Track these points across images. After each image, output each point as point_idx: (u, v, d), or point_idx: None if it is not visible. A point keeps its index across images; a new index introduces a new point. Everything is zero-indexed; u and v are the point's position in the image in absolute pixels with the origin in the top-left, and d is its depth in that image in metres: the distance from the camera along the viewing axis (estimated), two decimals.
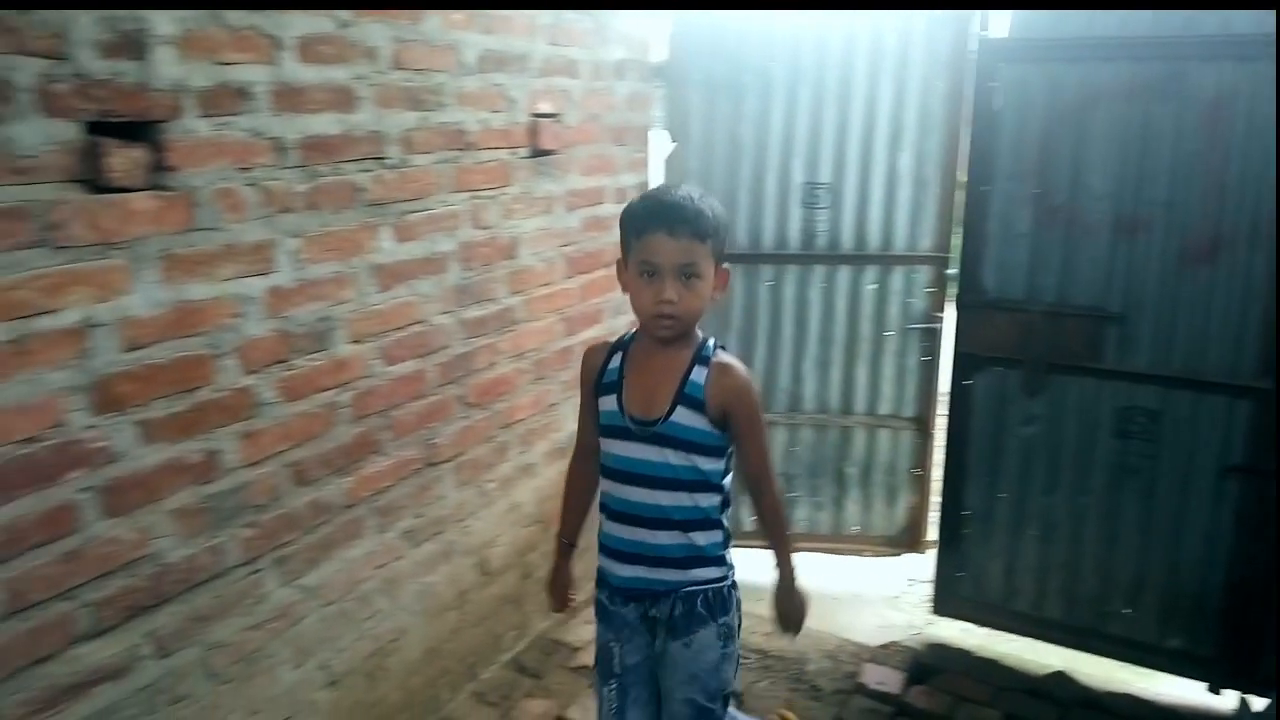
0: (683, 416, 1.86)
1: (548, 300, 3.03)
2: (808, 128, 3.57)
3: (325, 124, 2.13)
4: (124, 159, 1.72)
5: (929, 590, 3.46)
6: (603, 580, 2.04)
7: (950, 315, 3.52)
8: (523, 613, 3.12)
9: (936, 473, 3.74)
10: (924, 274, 3.62)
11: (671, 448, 1.88)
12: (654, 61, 3.45)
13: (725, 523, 2.00)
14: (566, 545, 2.17)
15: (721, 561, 2.00)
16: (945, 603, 3.32)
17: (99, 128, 1.68)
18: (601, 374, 1.96)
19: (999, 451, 3.15)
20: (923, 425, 3.74)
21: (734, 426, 1.88)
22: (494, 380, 2.84)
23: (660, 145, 3.61)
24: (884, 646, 3.16)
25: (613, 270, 3.28)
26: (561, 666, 3.02)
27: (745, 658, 3.10)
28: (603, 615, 2.06)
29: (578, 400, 3.17)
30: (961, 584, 3.29)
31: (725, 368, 1.88)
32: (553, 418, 3.14)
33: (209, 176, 1.89)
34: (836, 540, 3.89)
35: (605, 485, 1.98)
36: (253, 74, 1.95)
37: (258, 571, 2.12)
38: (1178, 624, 2.97)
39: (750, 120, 3.57)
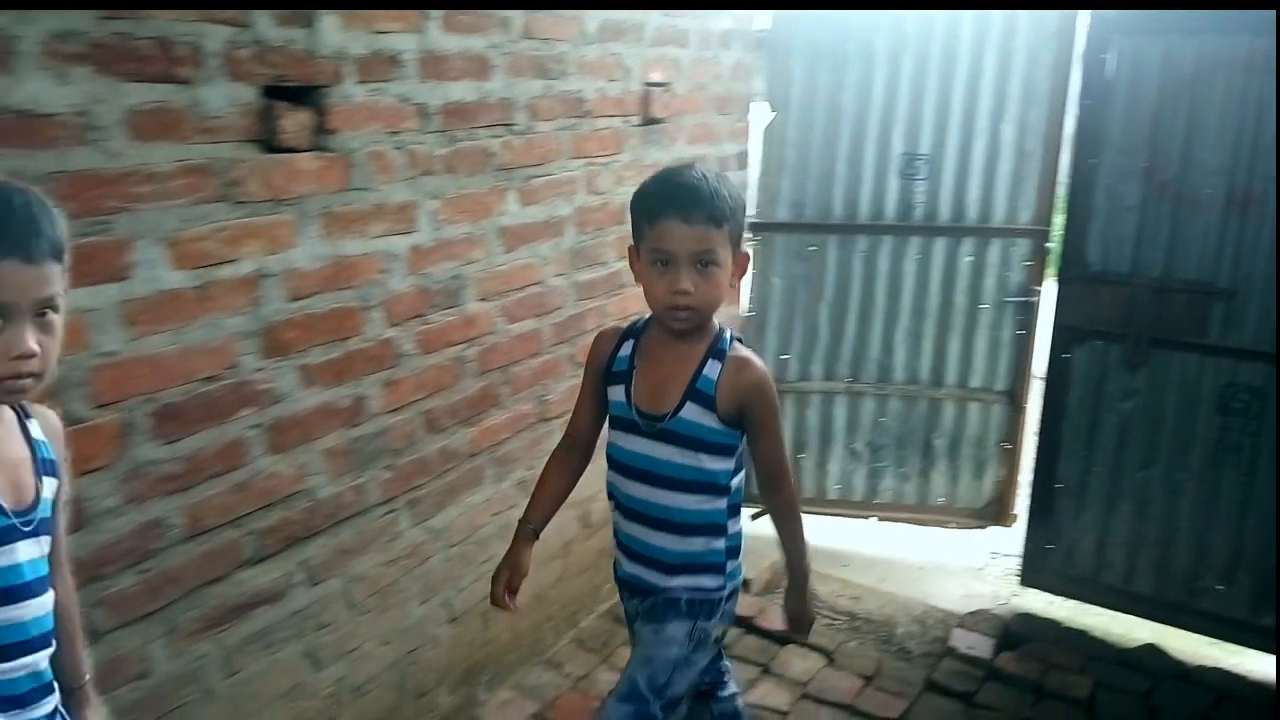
0: (691, 413, 1.78)
1: None
2: (909, 97, 3.62)
3: (463, 91, 2.27)
4: (293, 121, 1.88)
5: (1015, 563, 3.54)
6: (616, 573, 2.01)
7: (1048, 289, 3.57)
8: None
9: (1026, 447, 3.81)
10: (1022, 247, 3.66)
11: (677, 445, 1.80)
12: (758, 30, 3.53)
13: (731, 528, 1.92)
14: (531, 530, 1.99)
15: (720, 571, 1.91)
16: (1034, 574, 3.40)
17: (273, 92, 1.84)
18: (611, 362, 1.87)
19: (1096, 425, 3.20)
20: (1015, 399, 3.79)
21: (750, 423, 1.81)
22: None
23: (759, 115, 3.69)
24: (972, 614, 3.25)
25: None
26: None
27: (833, 619, 3.23)
28: (624, 609, 2.05)
29: None
30: (1051, 556, 3.36)
31: (742, 362, 1.79)
32: None
33: (363, 139, 2.04)
34: (921, 511, 3.98)
35: (611, 478, 1.92)
36: (403, 43, 2.09)
37: (393, 511, 2.30)
38: (1271, 601, 3.01)
39: (851, 89, 3.64)
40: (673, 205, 1.69)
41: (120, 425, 1.68)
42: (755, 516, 4.03)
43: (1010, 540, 3.79)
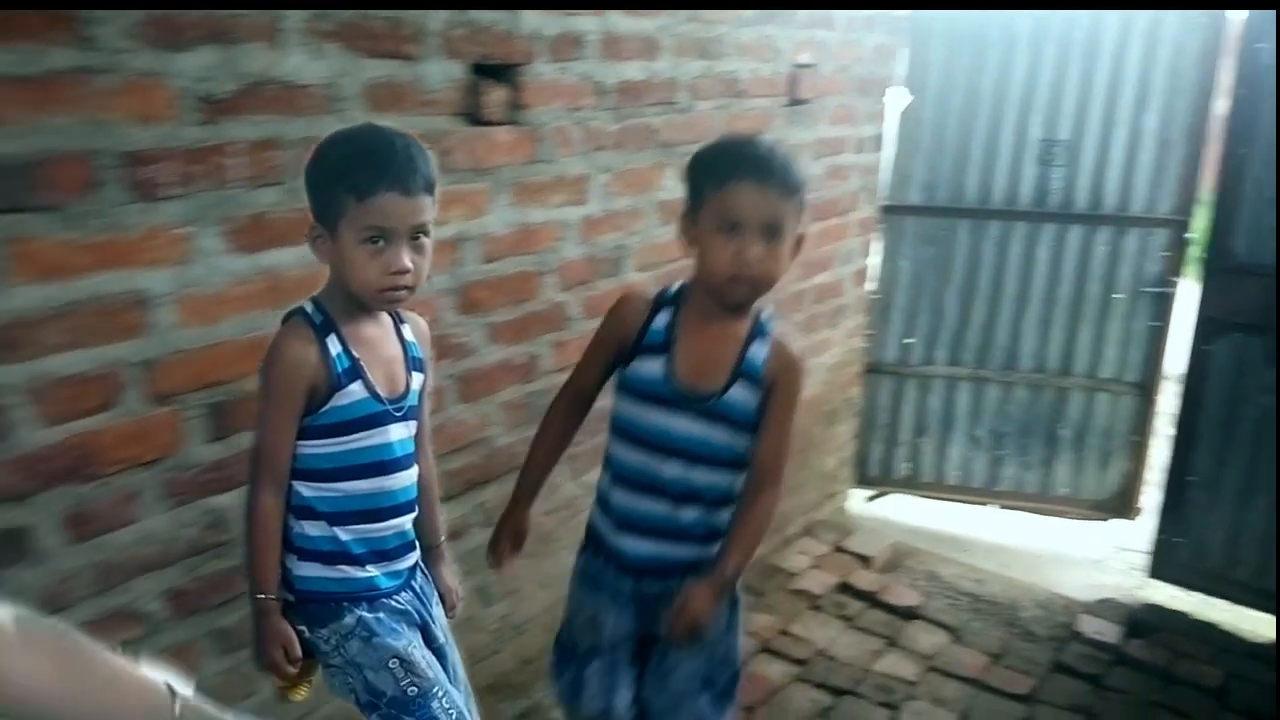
0: (739, 394, 1.73)
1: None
2: (1049, 83, 3.69)
3: (634, 70, 2.45)
4: (494, 97, 2.08)
5: (1139, 556, 3.60)
6: (600, 548, 1.87)
7: (1186, 281, 3.61)
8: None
9: (1155, 440, 3.86)
10: (1160, 237, 3.70)
11: (723, 425, 1.74)
12: (901, 13, 3.64)
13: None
14: (529, 493, 1.91)
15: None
16: (1162, 567, 3.46)
17: (479, 69, 2.04)
18: (644, 332, 1.76)
19: (1233, 419, 3.25)
20: (1146, 391, 3.84)
21: (771, 405, 1.74)
22: None
23: (897, 98, 3.80)
24: (1098, 602, 3.33)
25: (846, 219, 3.55)
26: (781, 589, 3.33)
27: (956, 599, 3.35)
28: (592, 583, 1.88)
29: (809, 341, 3.48)
30: (1180, 550, 3.42)
31: (786, 344, 1.77)
32: None
33: (550, 115, 2.24)
34: (1043, 500, 4.05)
35: (624, 452, 1.80)
36: (587, 24, 2.28)
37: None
38: None
39: (991, 74, 3.72)
40: (747, 170, 1.63)
41: None
42: (871, 499, 4.18)
43: (1133, 533, 3.85)
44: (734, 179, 1.63)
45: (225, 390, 1.73)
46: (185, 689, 0.92)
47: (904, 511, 4.12)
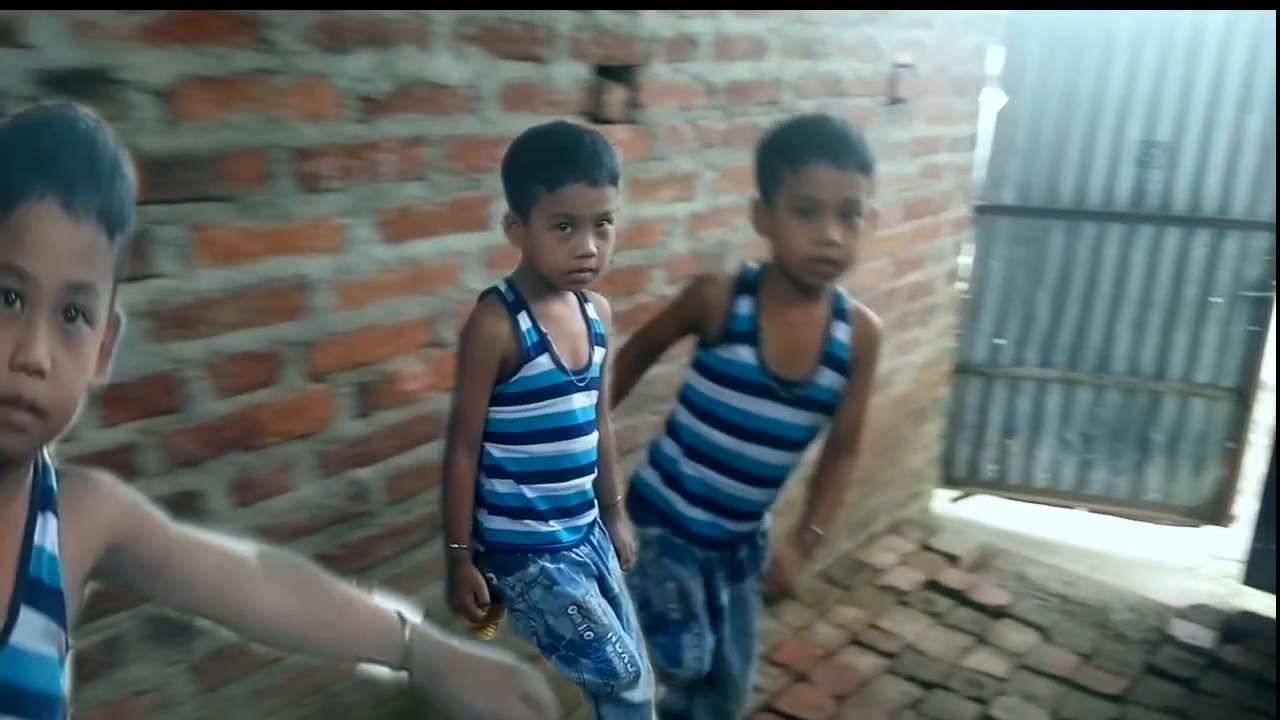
0: (827, 379, 1.82)
1: (883, 242, 3.36)
2: (1149, 84, 3.71)
3: (743, 71, 2.56)
4: (614, 96, 2.20)
5: (1233, 564, 3.60)
6: (670, 519, 1.95)
7: None
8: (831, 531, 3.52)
9: (1252, 446, 3.85)
10: (1262, 241, 3.70)
11: (810, 410, 1.84)
12: (998, 14, 3.69)
13: None
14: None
15: None
16: (1258, 575, 3.46)
17: (601, 70, 2.17)
18: (729, 318, 1.82)
19: None
20: (1242, 397, 3.83)
21: (854, 378, 1.84)
22: None
23: (992, 98, 3.85)
24: (1192, 607, 3.34)
25: (939, 218, 3.61)
26: (869, 584, 3.41)
27: (1045, 600, 3.39)
28: (676, 553, 1.95)
29: (900, 339, 3.55)
30: (1275, 557, 3.41)
31: (865, 318, 1.85)
32: None
33: (663, 114, 2.35)
34: (1133, 505, 4.07)
35: (706, 432, 1.89)
36: (701, 26, 2.39)
37: None
38: None
39: (1090, 74, 3.75)
40: (823, 149, 1.68)
41: None
42: (956, 499, 4.23)
43: (1227, 541, 3.84)
44: (810, 159, 1.69)
45: (371, 371, 1.87)
46: (414, 616, 1.05)
47: (989, 513, 4.16)
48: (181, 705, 1.75)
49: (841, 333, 1.83)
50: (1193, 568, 3.81)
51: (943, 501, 4.16)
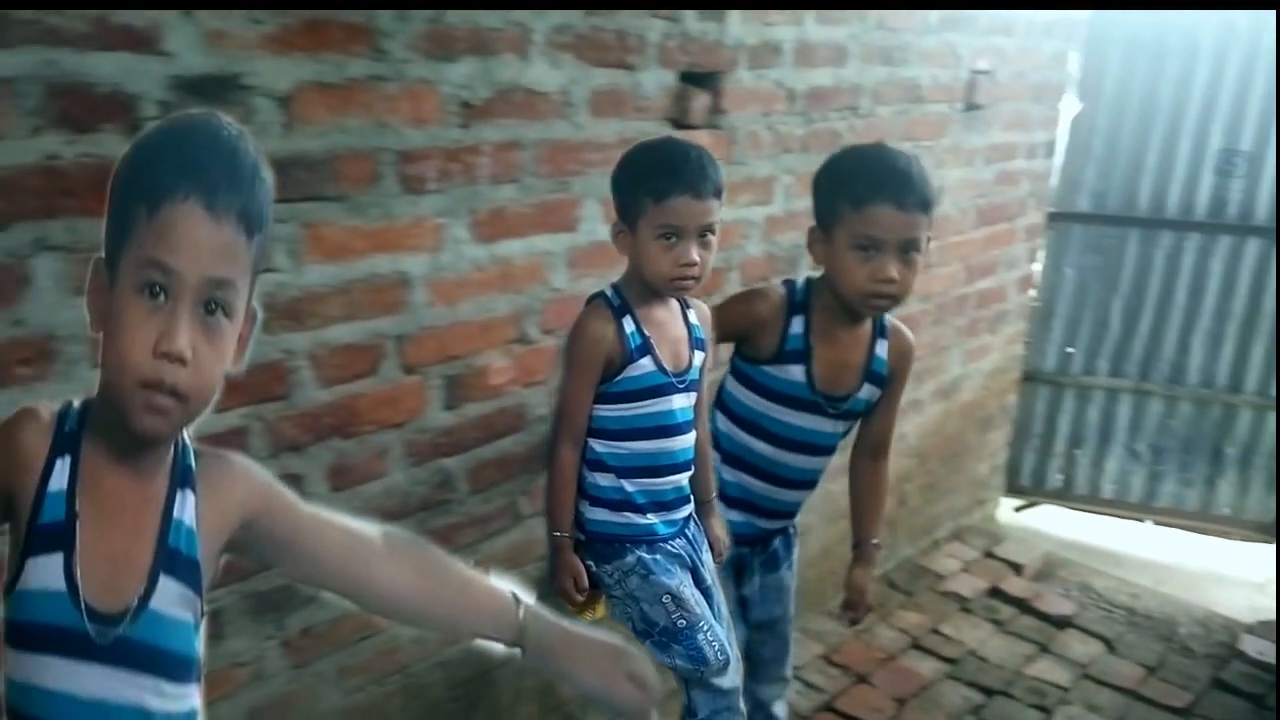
0: (866, 392, 1.95)
1: (956, 248, 3.39)
2: (1233, 92, 3.68)
3: (823, 77, 2.60)
4: (698, 102, 2.27)
5: None
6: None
7: None
8: (895, 536, 3.55)
9: None
10: None
11: (847, 419, 1.98)
12: (1076, 20, 3.68)
13: None
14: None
15: None
16: None
17: (686, 76, 2.23)
18: (784, 338, 1.91)
19: None
20: None
21: (890, 387, 1.96)
22: (903, 318, 3.22)
23: (1069, 104, 3.84)
24: (1261, 623, 3.32)
25: (1013, 224, 3.62)
26: (931, 589, 3.44)
27: (1111, 611, 3.39)
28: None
29: (969, 346, 3.57)
30: None
31: (901, 334, 1.96)
32: (942, 360, 3.52)
33: (744, 119, 2.41)
34: (1203, 519, 4.03)
35: (749, 442, 1.98)
36: (784, 34, 2.44)
37: None
38: None
39: (1171, 81, 3.73)
40: (888, 191, 1.73)
41: (556, 350, 2.13)
42: (1020, 508, 4.23)
43: None
44: (875, 201, 1.74)
45: (460, 365, 1.96)
46: (528, 597, 1.13)
47: (1053, 522, 4.15)
48: (274, 679, 1.85)
49: (881, 349, 1.95)
50: (1263, 584, 3.77)
51: (1007, 510, 4.17)
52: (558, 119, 1.98)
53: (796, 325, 1.90)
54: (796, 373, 1.91)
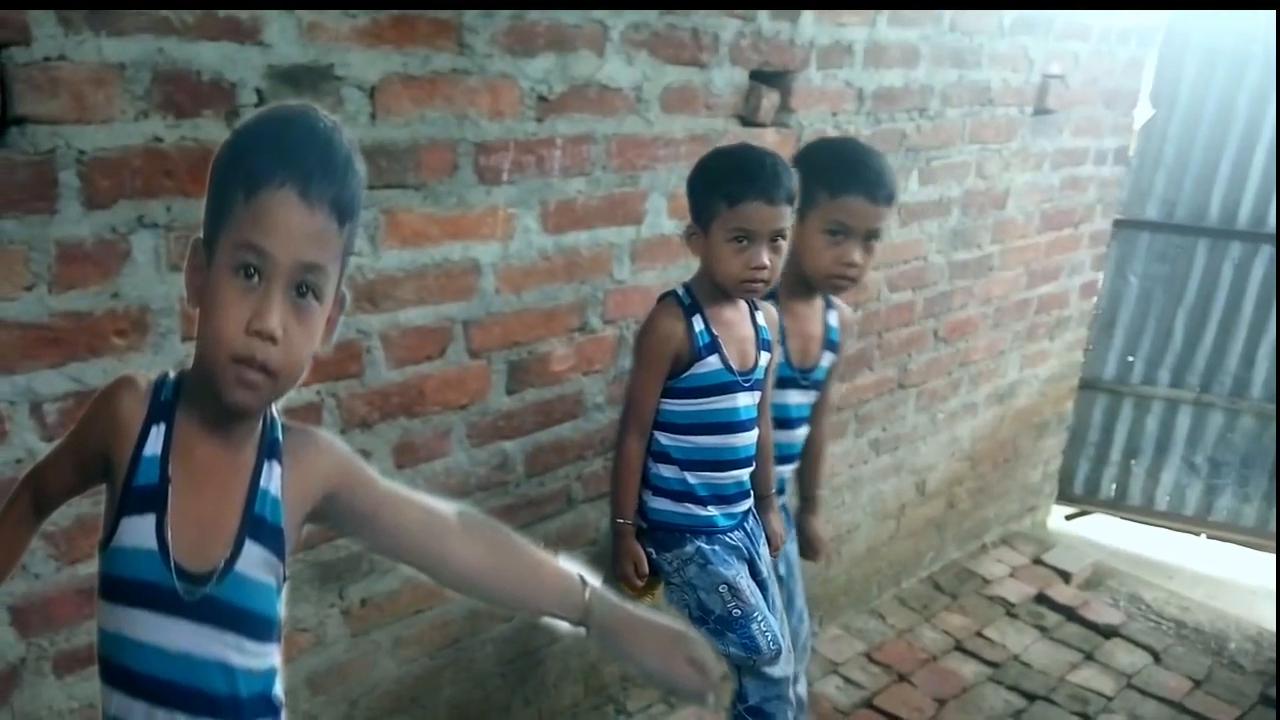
0: (827, 360, 2.08)
1: (1019, 253, 3.38)
2: None
3: (893, 78, 2.62)
4: (767, 101, 2.30)
5: None
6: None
7: None
8: (942, 538, 3.57)
9: None
10: None
11: (814, 389, 2.07)
12: (1154, 26, 3.64)
13: None
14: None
15: None
16: None
17: (756, 75, 2.26)
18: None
19: None
20: None
21: (840, 356, 2.09)
22: (963, 320, 3.27)
23: (1140, 111, 3.80)
24: None
25: (1078, 230, 3.60)
26: (976, 593, 3.45)
27: (1159, 623, 3.38)
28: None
29: (1028, 351, 3.57)
30: None
31: (843, 303, 2.13)
32: (1000, 364, 3.52)
33: (811, 119, 2.44)
34: (1261, 536, 3.98)
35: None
36: (856, 34, 2.46)
37: None
38: None
39: (1249, 90, 3.67)
40: (860, 184, 1.89)
41: (615, 340, 2.19)
42: (1070, 517, 4.21)
43: None
44: (849, 192, 1.89)
45: (524, 351, 2.03)
46: (594, 580, 1.19)
47: (1104, 532, 4.13)
48: (334, 646, 1.94)
49: (833, 319, 2.10)
50: None
51: (1058, 518, 4.15)
52: (629, 114, 2.03)
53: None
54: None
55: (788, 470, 2.12)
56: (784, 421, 2.01)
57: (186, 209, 1.46)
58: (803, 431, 2.06)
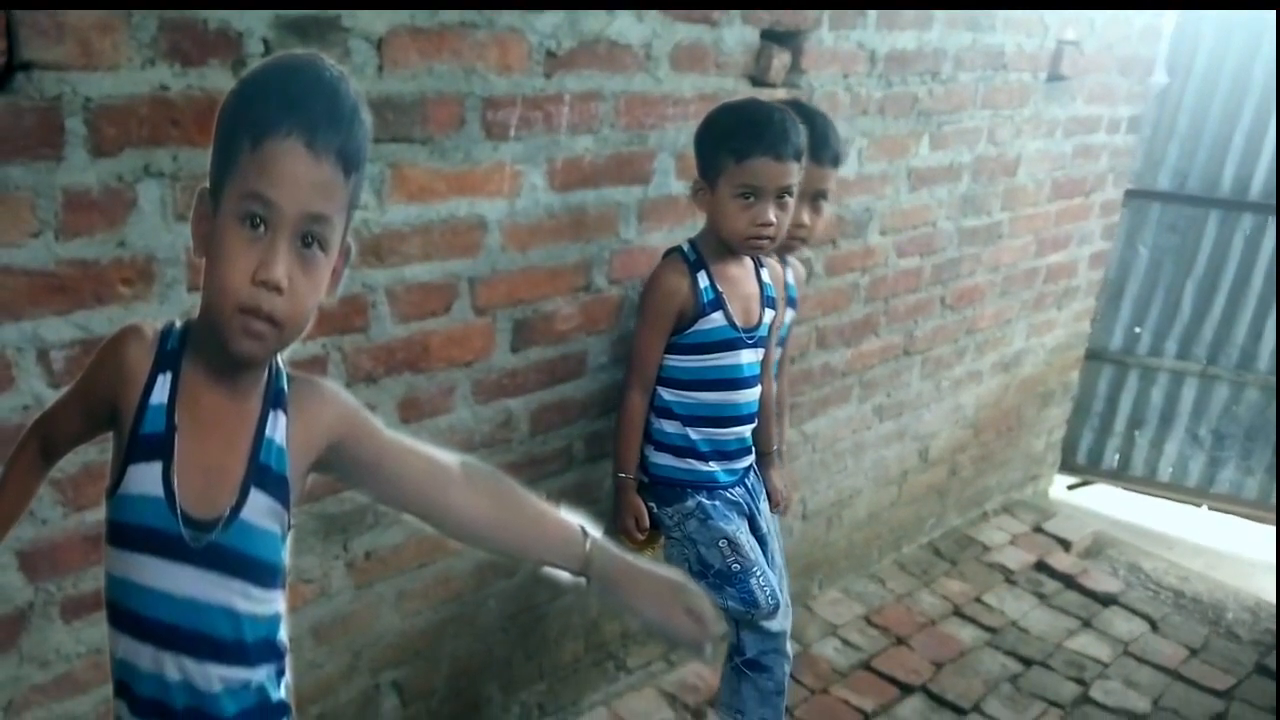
0: (788, 316, 2.11)
1: (1029, 220, 3.36)
2: None
3: (906, 40, 2.59)
4: (778, 61, 2.27)
5: None
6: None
7: None
8: (944, 504, 3.59)
9: None
10: None
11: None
12: None
13: None
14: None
15: None
16: None
17: (767, 35, 2.24)
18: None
19: None
20: None
21: (779, 316, 2.04)
22: (970, 288, 3.25)
23: (1156, 79, 3.76)
24: None
25: (1089, 200, 3.58)
26: (976, 559, 3.47)
27: (1157, 592, 3.39)
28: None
29: (1034, 320, 3.56)
30: None
31: (799, 264, 2.19)
32: (1006, 332, 3.51)
33: (823, 80, 2.42)
34: (1262, 508, 3.99)
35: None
36: None
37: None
38: None
39: (1266, 60, 3.62)
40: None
41: (620, 300, 2.18)
42: (1072, 487, 4.22)
43: None
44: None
45: (529, 309, 2.02)
46: (596, 531, 1.20)
47: (1106, 502, 4.14)
48: (338, 597, 1.96)
49: (789, 277, 2.12)
50: None
51: (1060, 487, 4.16)
52: (638, 72, 2.01)
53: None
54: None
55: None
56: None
57: (192, 158, 1.46)
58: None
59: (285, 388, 1.15)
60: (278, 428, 1.13)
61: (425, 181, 1.76)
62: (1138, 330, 3.97)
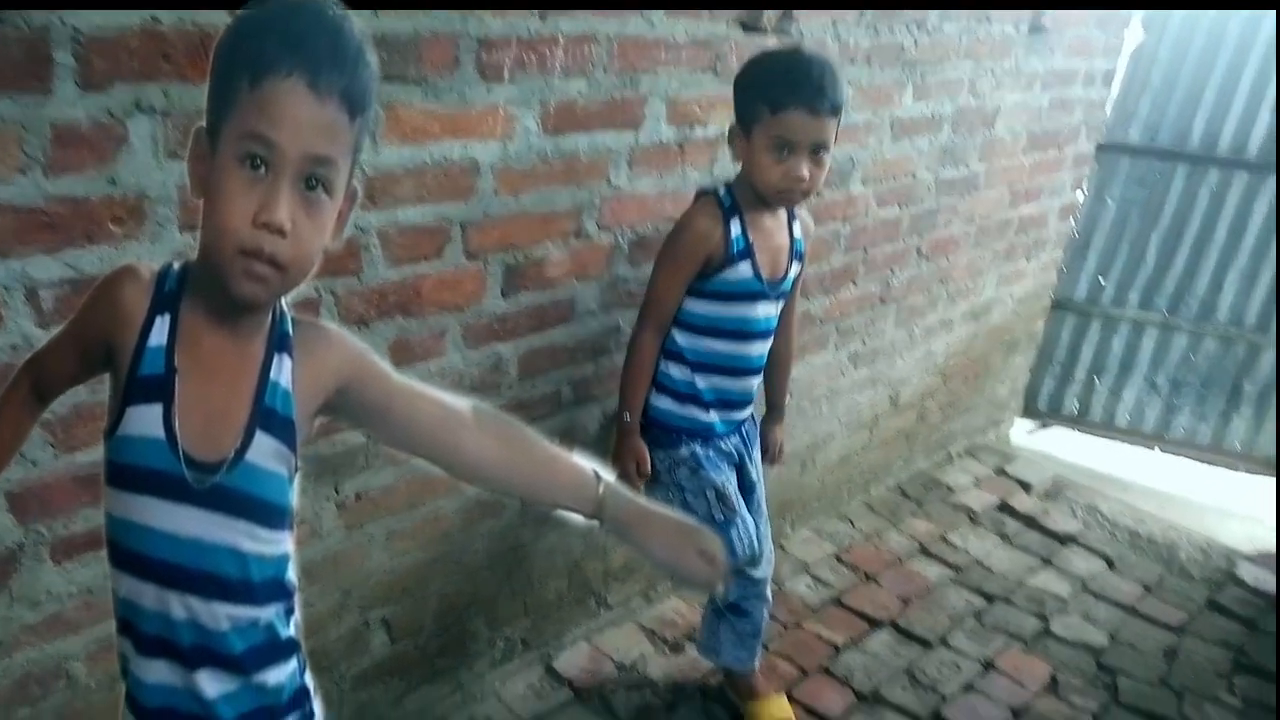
0: (796, 270, 2.00)
1: (1004, 172, 3.34)
2: None
3: None
4: (770, 9, 2.21)
5: None
6: (695, 434, 1.98)
7: None
8: (911, 448, 3.61)
9: None
10: None
11: (784, 299, 1.99)
12: None
13: None
14: (638, 424, 1.99)
15: None
16: None
17: None
18: (730, 243, 1.89)
19: None
20: None
21: (803, 269, 2.01)
22: (945, 238, 3.23)
23: (1132, 33, 3.72)
24: (1261, 553, 3.38)
25: (1063, 152, 3.56)
26: (942, 501, 3.50)
27: (1114, 532, 3.45)
28: (713, 464, 1.99)
29: (1005, 270, 3.55)
30: None
31: (806, 215, 2.05)
32: (978, 282, 3.50)
33: (811, 29, 2.36)
34: (1213, 452, 4.05)
35: (714, 345, 1.94)
36: None
37: None
38: None
39: (1240, 17, 3.59)
40: (801, 98, 1.77)
41: (610, 246, 2.14)
42: (1033, 431, 4.26)
43: None
44: (788, 105, 1.75)
45: (520, 254, 1.97)
46: (608, 475, 1.18)
47: (1065, 447, 4.19)
48: (328, 538, 1.93)
49: (799, 230, 2.00)
50: (1265, 518, 3.82)
51: (1021, 431, 4.20)
52: (632, 15, 1.94)
53: (735, 228, 1.87)
54: (745, 269, 1.89)
55: (754, 382, 2.01)
56: (753, 334, 1.91)
57: (185, 95, 1.39)
58: (769, 343, 1.95)
59: (290, 331, 1.11)
60: (283, 371, 1.09)
61: (419, 123, 1.70)
62: (1102, 280, 3.99)
